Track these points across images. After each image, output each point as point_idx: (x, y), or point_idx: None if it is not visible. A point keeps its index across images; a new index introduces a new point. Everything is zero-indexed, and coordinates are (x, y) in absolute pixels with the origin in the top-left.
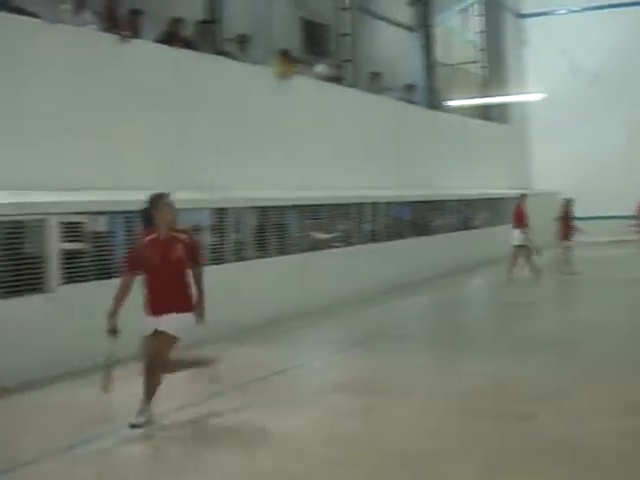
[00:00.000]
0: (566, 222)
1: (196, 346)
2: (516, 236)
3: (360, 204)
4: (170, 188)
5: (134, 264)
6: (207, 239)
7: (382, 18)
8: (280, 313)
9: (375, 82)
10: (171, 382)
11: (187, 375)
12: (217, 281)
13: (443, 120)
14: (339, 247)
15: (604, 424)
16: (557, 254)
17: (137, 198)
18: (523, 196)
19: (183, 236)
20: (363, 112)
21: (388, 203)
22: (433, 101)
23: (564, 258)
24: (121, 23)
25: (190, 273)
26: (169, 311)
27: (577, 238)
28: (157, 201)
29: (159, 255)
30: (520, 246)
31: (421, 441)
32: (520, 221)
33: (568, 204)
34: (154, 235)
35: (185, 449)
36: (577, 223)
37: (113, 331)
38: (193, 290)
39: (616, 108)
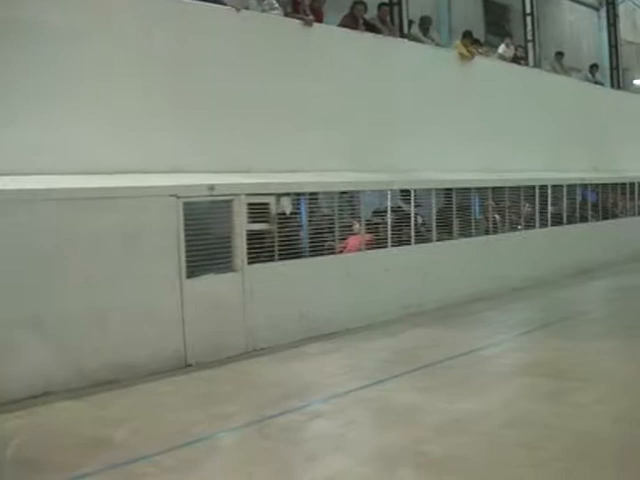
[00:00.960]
0: None
1: None
2: None
3: (543, 186)
4: (357, 170)
5: None
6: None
7: None
8: (463, 297)
9: (559, 62)
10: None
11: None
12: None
13: (629, 100)
14: (522, 229)
15: None
16: None
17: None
18: None
19: None
20: (547, 93)
21: (572, 185)
22: (619, 81)
23: None
24: (304, 8)
25: None
26: None
27: None
28: None
29: None
30: None
31: (608, 426)
32: None
33: None
34: None
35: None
36: None
37: None
38: None
39: None
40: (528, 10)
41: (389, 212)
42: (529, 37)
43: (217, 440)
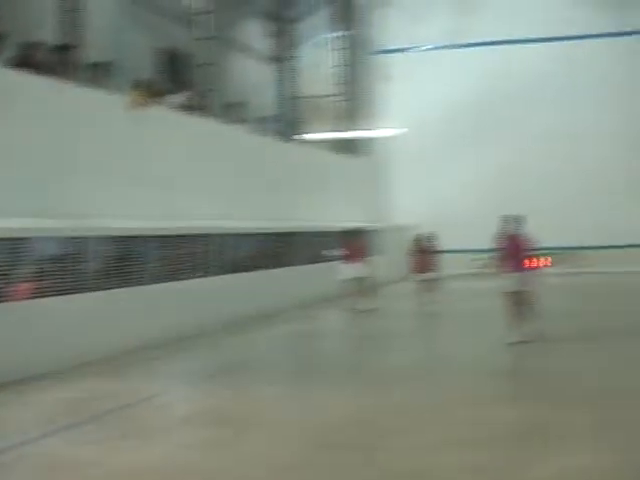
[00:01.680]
0: (422, 256)
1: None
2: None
3: (215, 235)
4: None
5: None
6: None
7: (243, 49)
8: (135, 345)
9: (234, 113)
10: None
11: None
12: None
13: (300, 153)
14: (198, 277)
15: (455, 457)
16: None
17: None
18: (361, 230)
19: None
20: (221, 143)
21: (243, 235)
22: (292, 133)
23: (421, 290)
24: None
25: None
26: None
27: (436, 271)
28: None
29: None
30: (359, 278)
31: (277, 475)
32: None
33: (427, 238)
34: None
35: None
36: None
37: None
38: None
39: (470, 145)
40: (208, 60)
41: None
42: (208, 86)
43: None
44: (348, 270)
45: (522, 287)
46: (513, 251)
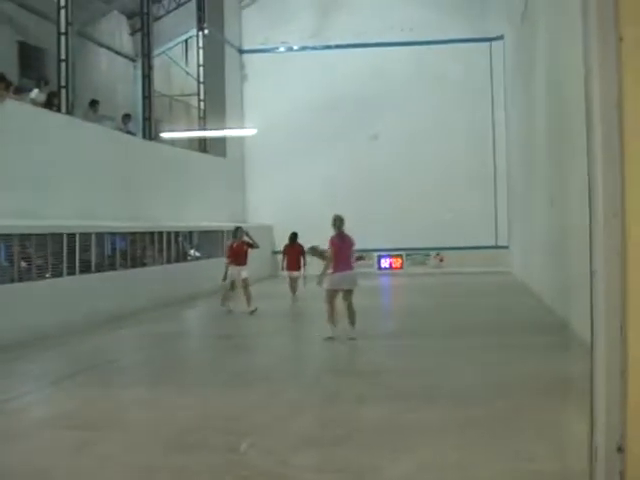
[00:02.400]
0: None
1: None
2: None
3: (71, 234)
4: None
5: None
6: None
7: (103, 45)
8: None
9: (93, 110)
10: None
11: None
12: None
13: (160, 151)
14: (51, 278)
15: (308, 457)
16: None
17: None
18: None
19: None
20: (78, 140)
21: (102, 233)
22: (150, 132)
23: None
24: None
25: None
26: None
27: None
28: None
29: None
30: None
31: (133, 477)
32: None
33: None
34: None
35: None
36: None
37: None
38: None
39: (325, 147)
40: (63, 56)
41: None
42: (63, 83)
43: None
44: (233, 271)
45: (347, 286)
46: (338, 250)
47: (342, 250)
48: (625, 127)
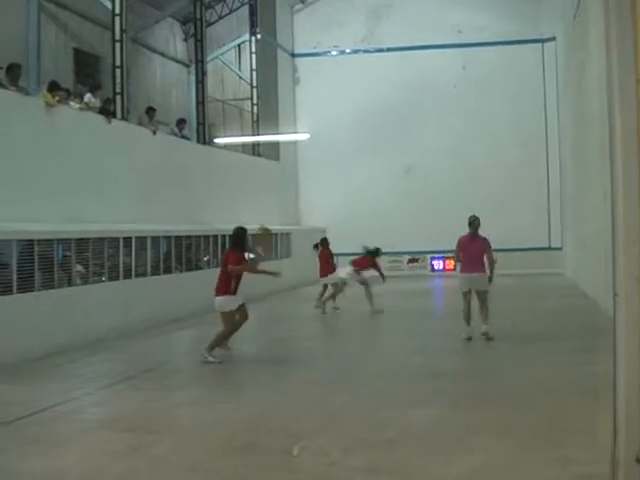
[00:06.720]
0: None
1: None
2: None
3: (128, 238)
4: None
5: None
6: None
7: (156, 52)
8: (44, 350)
9: (149, 117)
10: None
11: None
12: None
13: (214, 156)
14: (107, 280)
15: (363, 459)
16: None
17: None
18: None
19: None
20: (133, 145)
21: (157, 237)
22: (205, 136)
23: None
24: None
25: None
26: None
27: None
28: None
29: None
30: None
31: (184, 476)
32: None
33: (324, 242)
34: None
35: None
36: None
37: None
38: None
39: (377, 151)
40: (118, 62)
41: None
42: (118, 89)
43: None
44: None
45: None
46: (464, 251)
47: (469, 251)
48: None
